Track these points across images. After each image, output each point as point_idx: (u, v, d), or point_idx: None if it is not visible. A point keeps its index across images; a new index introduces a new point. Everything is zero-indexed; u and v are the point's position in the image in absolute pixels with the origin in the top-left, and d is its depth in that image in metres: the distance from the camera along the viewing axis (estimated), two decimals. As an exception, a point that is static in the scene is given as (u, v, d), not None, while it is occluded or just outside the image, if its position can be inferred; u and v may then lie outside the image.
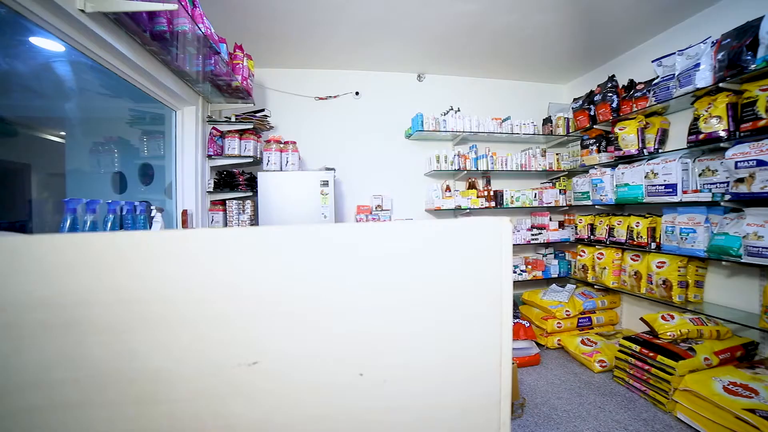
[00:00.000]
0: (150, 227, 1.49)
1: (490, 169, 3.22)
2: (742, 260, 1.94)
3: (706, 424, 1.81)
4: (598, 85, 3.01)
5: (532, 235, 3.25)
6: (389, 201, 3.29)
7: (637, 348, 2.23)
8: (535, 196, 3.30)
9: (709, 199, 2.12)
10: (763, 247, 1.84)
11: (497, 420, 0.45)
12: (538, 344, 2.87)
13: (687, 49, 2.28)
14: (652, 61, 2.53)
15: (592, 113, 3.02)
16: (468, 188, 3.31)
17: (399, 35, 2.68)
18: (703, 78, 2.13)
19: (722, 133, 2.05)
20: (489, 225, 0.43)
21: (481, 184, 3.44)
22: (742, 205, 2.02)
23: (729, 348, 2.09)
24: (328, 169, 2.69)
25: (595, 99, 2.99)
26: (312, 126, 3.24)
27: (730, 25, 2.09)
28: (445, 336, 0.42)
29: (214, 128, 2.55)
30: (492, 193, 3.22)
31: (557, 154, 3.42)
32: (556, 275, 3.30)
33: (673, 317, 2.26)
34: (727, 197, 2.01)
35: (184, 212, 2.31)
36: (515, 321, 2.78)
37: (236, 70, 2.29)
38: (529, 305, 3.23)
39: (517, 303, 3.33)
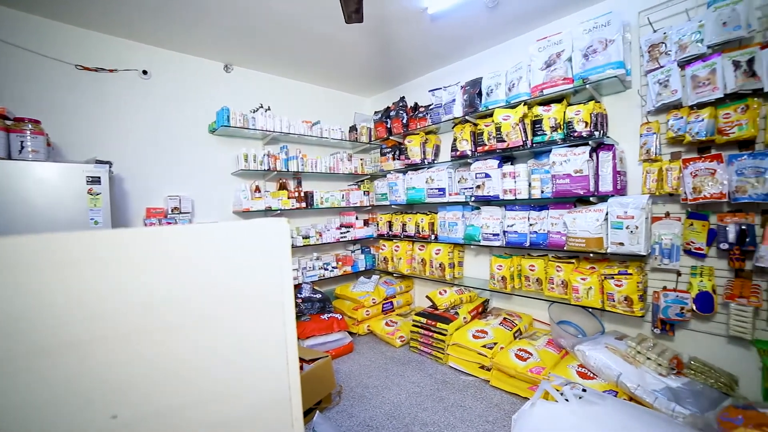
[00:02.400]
0: None
1: (300, 170, 3.27)
2: (481, 243, 2.76)
3: (464, 364, 2.48)
4: (393, 103, 3.56)
5: (341, 233, 3.52)
6: (189, 202, 2.83)
7: (424, 320, 2.79)
8: (343, 197, 3.58)
9: (464, 200, 2.89)
10: (491, 234, 2.67)
11: (289, 418, 0.46)
12: (351, 333, 3.14)
13: (448, 86, 3.00)
14: (429, 91, 3.19)
15: (388, 126, 3.55)
16: (279, 189, 3.26)
17: (204, 14, 2.34)
18: (458, 110, 2.87)
19: (468, 152, 2.82)
20: (267, 227, 0.43)
21: (292, 185, 3.45)
22: (480, 204, 2.86)
23: (476, 307, 2.91)
24: (100, 162, 2.07)
25: (390, 114, 3.52)
26: (74, 104, 2.40)
27: (470, 76, 2.92)
28: (228, 343, 0.40)
29: None
30: (303, 194, 3.29)
31: (361, 159, 3.83)
32: (364, 268, 3.71)
33: (446, 291, 2.94)
34: (473, 198, 2.80)
35: None
36: (329, 315, 2.95)
37: None
38: (342, 299, 3.49)
39: (331, 298, 3.54)
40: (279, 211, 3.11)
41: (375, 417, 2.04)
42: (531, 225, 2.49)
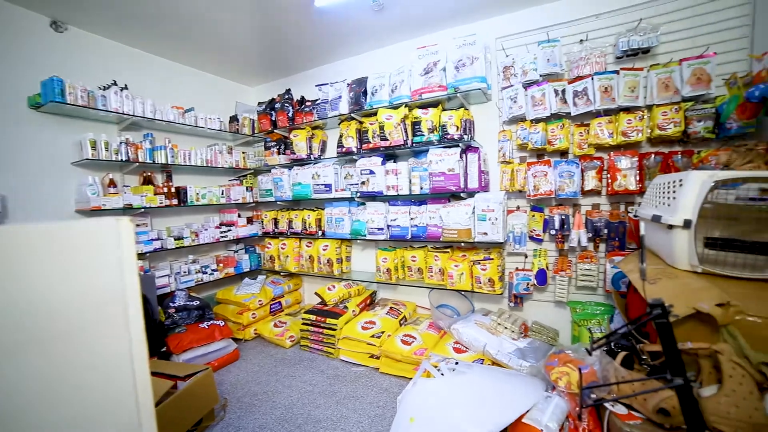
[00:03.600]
0: None
1: (170, 162, 2.84)
2: (367, 238, 2.87)
3: (355, 355, 2.56)
4: (279, 95, 3.38)
5: (221, 232, 3.20)
6: None
7: (314, 317, 2.76)
8: (222, 193, 3.26)
9: (350, 196, 2.95)
10: (376, 228, 2.81)
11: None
12: (236, 340, 2.90)
13: (335, 83, 3.00)
14: (316, 86, 3.13)
15: (273, 118, 3.35)
16: (143, 183, 2.76)
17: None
18: (344, 107, 2.90)
19: (354, 149, 2.89)
20: (104, 227, 0.36)
21: (160, 179, 2.97)
22: (366, 199, 2.96)
23: (364, 299, 3.02)
24: None
25: (275, 106, 3.34)
26: None
27: (357, 74, 2.98)
28: (49, 376, 0.32)
29: None
30: (174, 190, 2.87)
31: (243, 153, 3.54)
32: (249, 269, 3.45)
33: (335, 287, 2.96)
34: (358, 194, 2.89)
35: None
36: (210, 323, 2.66)
37: None
38: (224, 303, 3.19)
39: (211, 304, 3.19)
40: (143, 210, 2.64)
41: (266, 424, 1.93)
42: (412, 219, 2.71)
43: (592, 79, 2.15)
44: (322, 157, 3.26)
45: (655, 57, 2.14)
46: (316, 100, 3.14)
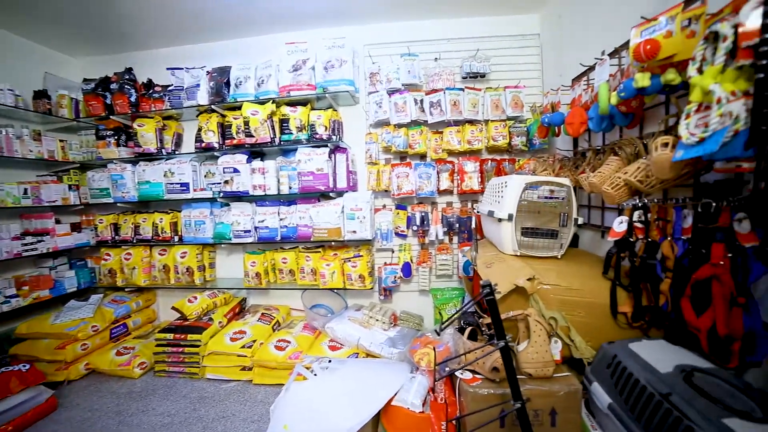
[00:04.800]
0: None
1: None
2: (233, 241, 2.65)
3: (224, 371, 2.33)
4: (116, 74, 2.77)
5: (26, 244, 2.44)
6: None
7: (171, 336, 2.38)
8: (26, 192, 2.49)
9: (211, 196, 2.66)
10: (242, 230, 2.61)
11: None
12: (53, 385, 2.25)
13: (192, 69, 2.65)
14: (168, 69, 2.70)
15: (108, 102, 2.75)
16: None
17: None
18: (203, 97, 2.59)
19: (216, 144, 2.61)
20: None
21: None
22: (230, 200, 2.72)
23: (232, 308, 2.77)
24: None
25: (112, 87, 2.73)
26: None
27: (218, 62, 2.69)
28: None
29: None
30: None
31: (63, 141, 2.79)
32: (75, 289, 2.75)
33: (196, 298, 2.62)
34: (221, 194, 2.63)
35: None
36: (3, 371, 1.98)
37: None
38: (33, 339, 2.43)
39: (6, 345, 2.40)
40: None
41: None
42: (281, 219, 2.62)
43: (445, 93, 2.47)
44: (177, 152, 2.83)
45: (489, 82, 2.60)
46: (169, 85, 2.71)
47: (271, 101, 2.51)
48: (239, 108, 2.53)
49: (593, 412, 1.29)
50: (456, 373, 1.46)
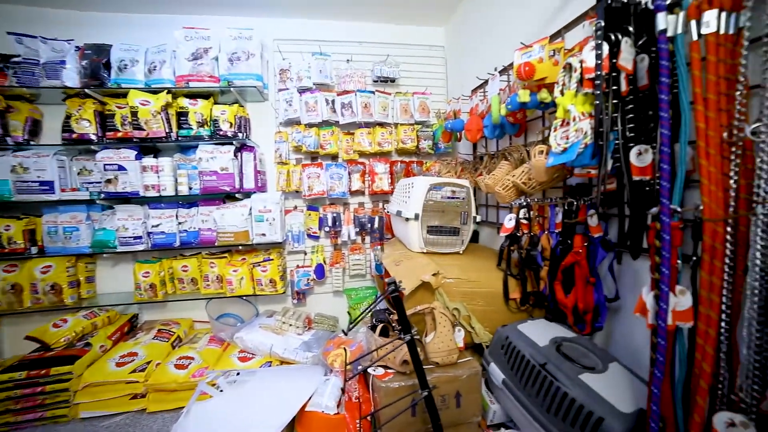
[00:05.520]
0: None
1: None
2: (118, 250, 2.27)
3: (107, 404, 1.95)
4: None
5: None
6: None
7: (24, 374, 1.91)
8: None
9: (88, 197, 2.24)
10: (131, 237, 2.26)
11: None
12: None
13: (52, 40, 2.19)
14: (11, 34, 2.16)
15: None
16: None
17: None
18: (71, 78, 2.16)
19: (93, 137, 2.21)
20: None
21: None
22: (114, 202, 2.34)
23: (119, 328, 2.38)
24: None
25: None
26: None
27: (92, 36, 2.28)
28: None
29: None
30: None
31: None
32: None
33: (66, 321, 2.18)
34: (102, 196, 2.24)
35: None
36: None
37: None
38: None
39: None
40: None
41: None
42: (180, 223, 2.35)
43: (356, 95, 2.51)
44: (32, 143, 2.31)
45: (399, 87, 2.72)
46: (15, 56, 2.18)
47: (166, 91, 2.22)
48: (125, 96, 2.18)
49: (492, 389, 1.45)
50: (369, 370, 1.49)
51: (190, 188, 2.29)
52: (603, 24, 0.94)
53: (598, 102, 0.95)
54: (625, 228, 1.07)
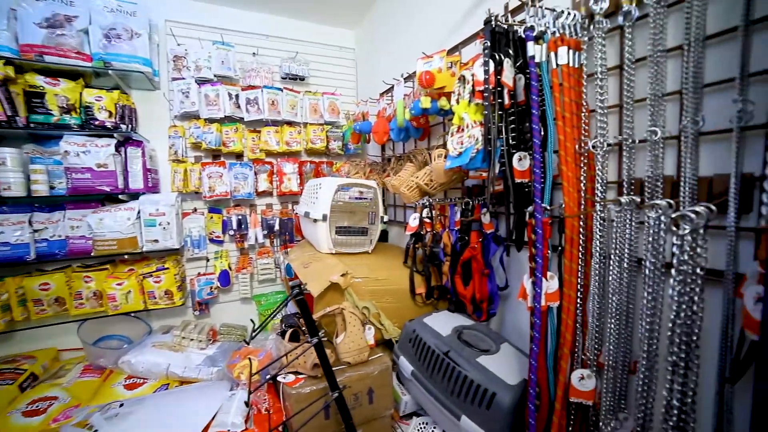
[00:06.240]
0: None
1: None
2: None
3: None
4: None
5: None
6: None
7: None
8: None
9: None
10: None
11: None
12: None
13: None
14: None
15: None
16: None
17: None
18: None
19: None
20: None
21: None
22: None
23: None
24: None
25: None
26: None
27: None
28: None
29: None
30: None
31: None
32: None
33: None
34: None
35: None
36: None
37: None
38: None
39: None
40: None
41: None
42: (37, 231, 1.91)
43: (263, 91, 2.38)
44: None
45: (309, 86, 2.66)
46: None
47: (3, 62, 1.76)
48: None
49: (402, 382, 1.51)
50: (278, 378, 1.42)
51: (52, 188, 1.88)
52: (489, 44, 1.06)
53: (486, 112, 1.07)
54: (511, 224, 1.23)
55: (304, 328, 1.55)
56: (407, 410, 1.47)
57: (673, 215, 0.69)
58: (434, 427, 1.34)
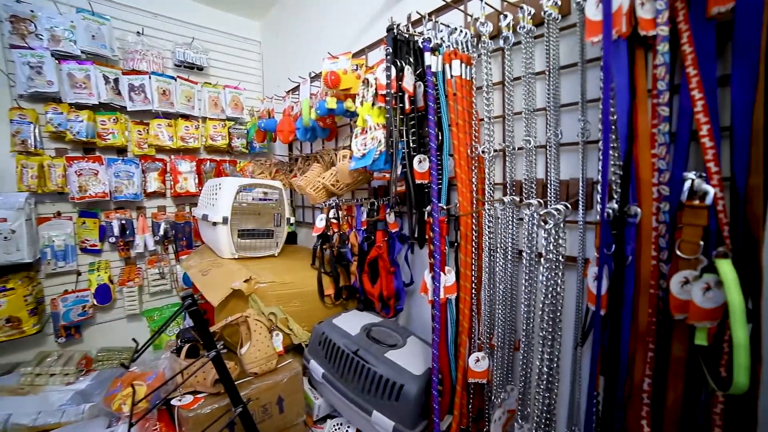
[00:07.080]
0: None
1: None
2: None
3: None
4: None
5: None
6: None
7: None
8: None
9: None
10: None
11: None
12: None
13: None
14: None
15: None
16: None
17: None
18: None
19: None
20: None
21: None
22: None
23: None
24: None
25: None
26: None
27: None
28: None
29: None
30: None
31: None
32: None
33: None
34: None
35: None
36: None
37: None
38: None
39: None
40: None
41: None
42: None
43: (150, 77, 2.08)
44: None
45: (208, 77, 2.43)
46: None
47: None
48: None
49: (315, 386, 1.48)
50: (173, 402, 1.27)
51: None
52: (391, 51, 1.11)
53: (389, 116, 1.11)
54: (413, 223, 1.30)
55: (202, 342, 1.40)
56: (321, 414, 1.45)
57: (542, 212, 0.81)
58: (348, 427, 1.35)
